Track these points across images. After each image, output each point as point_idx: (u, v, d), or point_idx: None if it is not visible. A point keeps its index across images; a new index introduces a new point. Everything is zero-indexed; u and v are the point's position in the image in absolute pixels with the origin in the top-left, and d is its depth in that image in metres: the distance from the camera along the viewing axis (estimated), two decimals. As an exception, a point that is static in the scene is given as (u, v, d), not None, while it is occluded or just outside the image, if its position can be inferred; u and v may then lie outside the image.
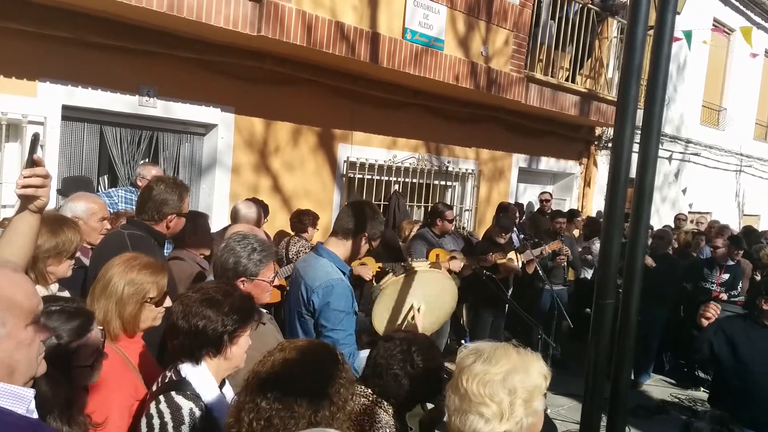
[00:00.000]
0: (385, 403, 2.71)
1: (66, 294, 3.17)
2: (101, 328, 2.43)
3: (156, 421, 2.34)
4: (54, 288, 3.23)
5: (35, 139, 2.30)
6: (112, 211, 4.85)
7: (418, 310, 3.85)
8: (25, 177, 2.22)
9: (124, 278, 2.76)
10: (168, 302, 2.86)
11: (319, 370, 2.12)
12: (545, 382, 2.09)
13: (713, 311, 4.56)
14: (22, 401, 1.72)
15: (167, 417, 2.33)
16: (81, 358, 2.24)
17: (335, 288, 3.40)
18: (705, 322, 4.56)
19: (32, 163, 2.24)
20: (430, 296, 3.95)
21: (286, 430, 2.01)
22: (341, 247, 3.59)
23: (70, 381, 2.07)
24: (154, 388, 2.52)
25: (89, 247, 4.08)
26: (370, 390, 2.74)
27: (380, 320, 3.87)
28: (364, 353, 3.53)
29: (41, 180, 2.24)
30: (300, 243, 6.62)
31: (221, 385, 2.55)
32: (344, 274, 3.55)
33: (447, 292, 4.11)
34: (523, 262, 7.79)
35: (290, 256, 6.47)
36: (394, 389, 2.71)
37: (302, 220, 6.82)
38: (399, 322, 3.89)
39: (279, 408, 2.02)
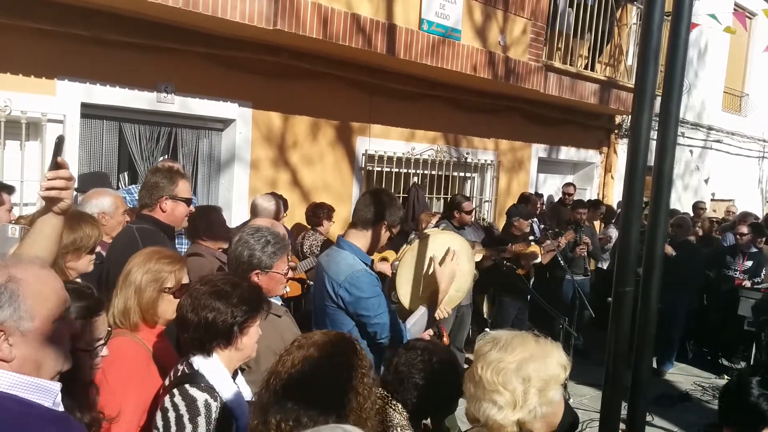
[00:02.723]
0: (400, 406, 2.72)
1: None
2: (110, 328, 2.44)
3: (172, 414, 2.36)
4: None
5: (59, 141, 2.32)
6: (130, 206, 4.90)
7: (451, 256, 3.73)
8: (48, 179, 2.24)
9: (142, 268, 2.82)
10: None
11: (341, 363, 2.13)
12: (564, 372, 2.08)
13: None
14: (49, 394, 1.76)
15: (183, 409, 2.35)
16: (83, 340, 2.25)
17: (361, 278, 3.43)
18: None
19: (56, 165, 2.26)
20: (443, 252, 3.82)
21: (316, 427, 2.02)
22: (362, 239, 3.60)
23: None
24: (167, 381, 2.54)
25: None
26: (386, 392, 2.76)
27: (404, 293, 3.84)
28: (411, 320, 3.57)
29: (65, 182, 2.26)
30: (313, 237, 6.63)
31: (234, 375, 2.57)
32: (366, 265, 3.56)
33: (462, 252, 3.90)
34: (540, 253, 7.76)
35: (304, 250, 6.48)
36: (413, 397, 2.73)
37: (317, 213, 6.82)
38: (425, 273, 3.80)
39: (306, 406, 2.02)
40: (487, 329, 8.28)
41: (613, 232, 9.65)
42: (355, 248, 3.57)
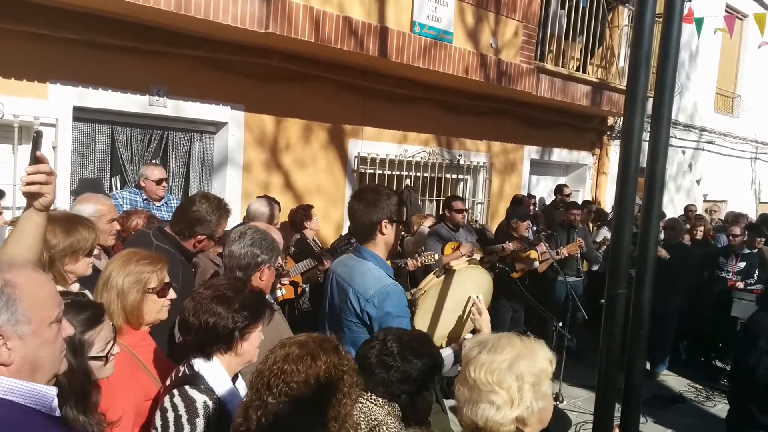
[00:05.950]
0: (380, 400, 2.59)
1: (87, 292, 3.17)
2: (112, 323, 2.45)
3: (170, 415, 2.38)
4: (75, 288, 3.23)
5: (37, 136, 2.30)
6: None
7: (478, 298, 3.69)
8: (29, 174, 2.22)
9: (123, 271, 2.80)
10: (172, 294, 2.89)
11: (321, 360, 2.12)
12: (551, 366, 2.17)
13: None
14: (45, 399, 1.75)
15: (181, 410, 2.37)
16: (94, 349, 2.26)
17: (391, 294, 3.18)
18: None
19: (36, 159, 2.23)
20: (466, 293, 3.77)
21: (294, 423, 2.02)
22: (376, 247, 3.35)
23: (85, 372, 2.09)
24: (168, 382, 2.55)
25: (98, 249, 4.06)
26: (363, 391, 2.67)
27: (422, 323, 3.68)
28: (446, 351, 3.46)
29: (45, 177, 2.24)
30: (293, 238, 6.58)
31: (234, 378, 2.58)
32: (390, 276, 3.34)
33: (481, 287, 3.90)
34: (538, 261, 7.75)
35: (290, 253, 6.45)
36: (379, 380, 2.61)
37: (295, 220, 6.71)
38: (458, 319, 3.76)
39: (286, 401, 2.03)
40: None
41: (605, 234, 9.65)
42: (378, 258, 3.32)
